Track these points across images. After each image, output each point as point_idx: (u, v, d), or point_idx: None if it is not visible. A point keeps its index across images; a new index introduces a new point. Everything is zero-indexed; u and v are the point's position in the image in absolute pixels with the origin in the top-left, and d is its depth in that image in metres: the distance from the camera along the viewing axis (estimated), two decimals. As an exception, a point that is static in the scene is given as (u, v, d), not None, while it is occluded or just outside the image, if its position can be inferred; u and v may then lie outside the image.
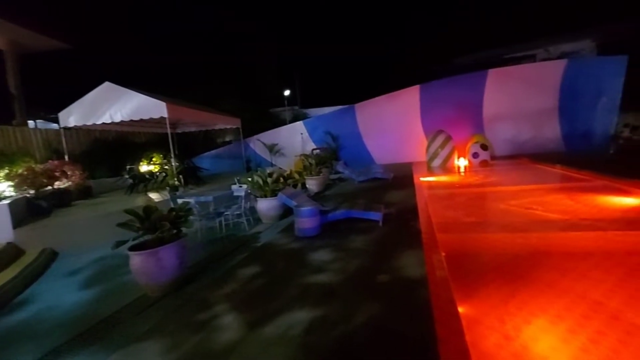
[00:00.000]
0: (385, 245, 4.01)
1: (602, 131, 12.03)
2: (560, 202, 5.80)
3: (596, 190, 6.16)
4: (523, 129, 12.77)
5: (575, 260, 3.77)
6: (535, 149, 12.21)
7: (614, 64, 11.93)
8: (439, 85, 13.56)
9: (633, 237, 3.82)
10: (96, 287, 4.08)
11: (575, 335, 2.62)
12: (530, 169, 9.47)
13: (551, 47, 16.59)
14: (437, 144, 11.60)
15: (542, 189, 6.79)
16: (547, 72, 12.66)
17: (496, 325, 2.85)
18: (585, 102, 12.08)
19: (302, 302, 3.00)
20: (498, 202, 6.40)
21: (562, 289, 3.27)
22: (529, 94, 12.63)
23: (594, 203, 5.45)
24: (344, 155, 14.16)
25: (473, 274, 3.76)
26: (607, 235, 3.92)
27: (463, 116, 13.11)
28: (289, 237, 4.90)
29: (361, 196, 7.14)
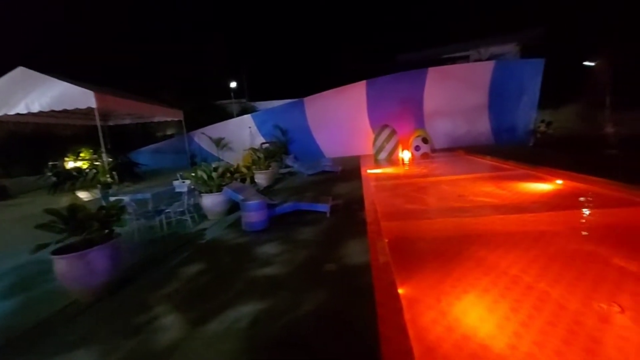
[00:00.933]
0: (332, 235, 4.09)
1: (523, 126, 13.52)
2: (488, 189, 6.40)
3: (518, 178, 6.89)
4: (458, 123, 13.85)
5: (500, 240, 4.19)
6: (470, 142, 13.32)
7: (533, 66, 13.44)
8: (384, 81, 14.10)
9: (546, 217, 4.34)
10: (18, 296, 3.59)
11: (498, 305, 2.92)
12: (464, 160, 10.31)
13: (482, 49, 18.19)
14: (383, 138, 12.09)
15: (474, 178, 7.43)
16: (478, 72, 13.84)
17: (433, 303, 3.06)
18: (510, 100, 13.45)
19: (248, 296, 2.94)
20: (437, 190, 6.87)
21: (488, 266, 3.61)
22: (463, 92, 13.71)
23: (516, 189, 6.10)
24: (294, 149, 14.12)
25: (414, 258, 3.99)
26: (525, 217, 4.41)
27: (406, 111, 13.81)
28: (236, 232, 4.77)
29: (310, 189, 7.19)
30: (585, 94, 14.56)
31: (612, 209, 4.30)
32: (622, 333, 2.38)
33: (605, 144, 10.46)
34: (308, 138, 14.57)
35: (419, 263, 3.81)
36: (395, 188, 7.43)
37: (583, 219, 4.28)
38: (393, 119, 12.89)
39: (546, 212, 4.40)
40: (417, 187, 7.25)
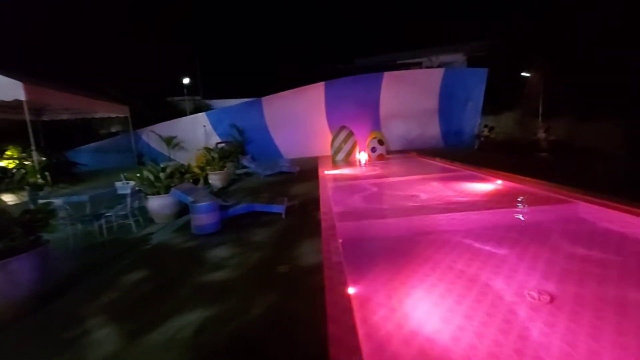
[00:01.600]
0: (286, 236, 4.02)
1: (469, 130, 14.51)
2: (437, 189, 6.74)
3: (464, 179, 7.34)
4: (412, 126, 14.48)
5: (447, 237, 4.42)
6: (422, 144, 13.99)
7: (478, 75, 14.48)
8: (342, 83, 14.32)
9: (487, 215, 4.65)
10: None
11: (444, 299, 3.06)
12: (417, 162, 10.79)
13: (433, 57, 19.27)
14: (340, 139, 12.27)
15: (426, 178, 7.79)
16: (429, 78, 14.61)
17: (384, 301, 3.12)
18: (457, 106, 14.36)
19: (194, 303, 2.78)
20: (390, 191, 7.09)
21: (435, 262, 3.78)
22: (416, 96, 14.37)
23: (462, 189, 6.49)
24: (252, 149, 13.82)
25: (367, 257, 4.06)
26: (469, 215, 4.69)
27: (363, 113, 14.15)
28: (184, 236, 4.51)
29: (266, 190, 7.06)
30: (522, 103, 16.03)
31: (543, 206, 4.72)
32: (550, 320, 2.60)
33: (537, 147, 11.61)
34: (266, 138, 14.34)
35: (372, 262, 3.88)
36: (352, 189, 7.55)
37: (518, 216, 4.65)
38: (351, 121, 13.13)
39: (487, 210, 4.72)
40: (372, 188, 7.43)
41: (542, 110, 14.93)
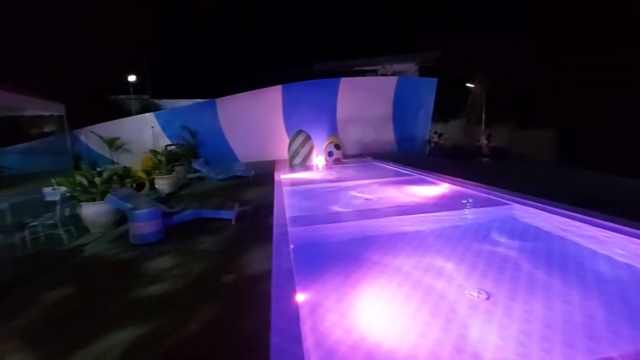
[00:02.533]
0: (235, 244, 3.85)
1: (421, 136, 15.26)
2: (391, 192, 6.94)
3: (415, 182, 7.65)
4: (368, 131, 14.87)
5: (396, 239, 4.53)
6: (377, 149, 14.42)
7: (428, 84, 15.32)
8: (299, 87, 14.31)
9: (433, 217, 4.85)
10: None
11: (392, 302, 3.10)
12: (372, 166, 11.07)
13: (387, 65, 20.06)
14: (297, 143, 12.20)
15: (380, 182, 8.00)
16: (384, 86, 15.14)
17: (334, 306, 3.09)
18: (409, 112, 15.03)
19: (125, 321, 2.52)
20: (345, 194, 7.16)
21: (385, 264, 3.84)
22: (372, 102, 14.81)
23: (412, 192, 6.74)
24: (205, 152, 13.25)
25: (319, 261, 4.02)
26: (417, 217, 4.85)
27: (320, 118, 14.25)
28: (122, 246, 4.13)
29: (218, 195, 6.77)
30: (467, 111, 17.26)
31: (483, 208, 5.03)
32: (487, 317, 2.74)
33: (480, 153, 12.53)
34: (220, 141, 13.84)
35: (324, 267, 3.85)
36: (307, 193, 7.51)
37: (461, 218, 4.91)
38: (308, 125, 13.14)
39: (433, 212, 4.93)
40: (328, 192, 7.46)
41: (484, 118, 16.19)
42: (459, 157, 11.57)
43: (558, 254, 3.82)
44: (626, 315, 2.63)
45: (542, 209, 4.48)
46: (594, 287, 3.08)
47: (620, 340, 2.35)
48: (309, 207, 6.14)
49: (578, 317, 2.64)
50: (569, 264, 3.54)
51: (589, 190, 5.71)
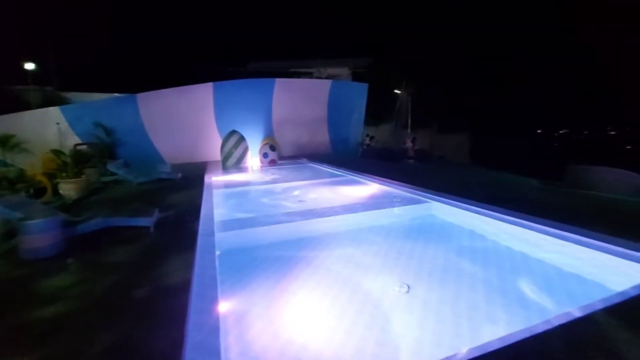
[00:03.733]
0: (152, 254, 3.47)
1: (354, 139, 15.88)
2: (324, 193, 7.03)
3: (347, 183, 7.88)
4: (303, 133, 14.97)
5: (328, 240, 4.59)
6: (312, 150, 14.59)
7: (360, 89, 16.02)
8: (233, 85, 13.79)
9: (362, 217, 5.03)
10: None
11: (321, 303, 3.10)
12: (307, 168, 11.15)
13: (322, 69, 20.52)
14: (231, 144, 11.71)
15: (314, 184, 8.07)
16: (319, 88, 15.40)
17: (262, 313, 2.99)
18: (343, 115, 15.54)
19: (7, 350, 2.09)
20: (280, 197, 7.06)
21: (316, 265, 3.85)
22: (307, 104, 14.96)
23: (344, 192, 6.93)
24: (125, 153, 11.93)
25: (249, 267, 3.87)
26: (348, 217, 4.98)
27: (255, 118, 13.92)
28: (9, 263, 3.44)
29: (136, 200, 6.11)
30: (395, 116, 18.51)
31: (406, 206, 5.37)
32: (408, 309, 2.90)
33: (406, 155, 13.52)
34: (143, 141, 12.62)
35: (254, 272, 3.71)
36: (240, 195, 7.23)
37: (388, 216, 5.17)
38: (242, 125, 12.70)
39: (363, 212, 5.11)
40: (262, 194, 7.28)
41: (410, 123, 17.54)
42: (388, 158, 12.31)
43: (467, 246, 4.25)
44: (518, 297, 3.01)
45: (454, 206, 4.95)
46: (494, 275, 3.47)
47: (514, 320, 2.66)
48: (241, 210, 5.91)
49: (482, 303, 2.94)
50: (476, 255, 3.95)
51: (492, 187, 6.50)
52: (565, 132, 38.84)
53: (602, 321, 1.95)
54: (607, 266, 3.04)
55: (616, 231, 3.32)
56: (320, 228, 4.81)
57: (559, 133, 39.15)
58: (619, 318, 1.96)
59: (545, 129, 39.00)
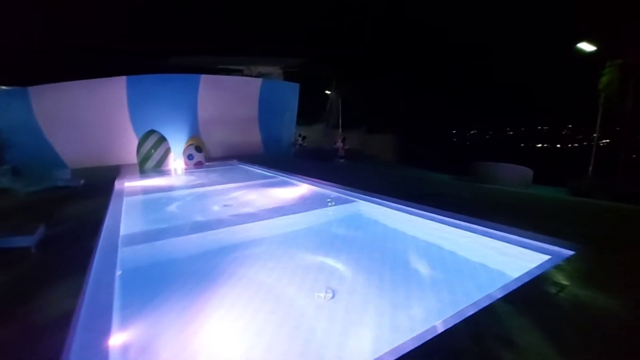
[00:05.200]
0: (26, 282, 2.80)
1: (287, 138, 15.70)
2: (253, 196, 6.72)
3: (278, 185, 7.68)
4: (233, 133, 14.31)
5: (253, 247, 4.34)
6: (244, 151, 14.02)
7: (292, 88, 15.90)
8: (151, 80, 12.52)
9: (291, 219, 4.89)
10: None
11: (242, 317, 2.86)
12: (237, 169, 10.64)
13: (252, 67, 19.90)
14: (149, 145, 10.61)
15: (243, 186, 7.68)
16: (249, 87, 14.88)
17: (174, 337, 2.64)
18: (275, 115, 15.26)
19: None
20: (204, 202, 6.56)
21: (239, 276, 3.58)
22: (236, 103, 14.34)
23: (274, 195, 6.71)
24: (15, 156, 9.96)
25: (161, 285, 3.43)
26: (276, 221, 4.79)
27: (179, 117, 12.87)
28: None
29: (19, 214, 5.08)
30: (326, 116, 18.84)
31: (336, 206, 5.38)
32: (331, 316, 2.82)
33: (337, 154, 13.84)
34: (39, 142, 10.70)
35: (166, 290, 3.30)
36: (157, 202, 6.54)
37: (317, 217, 5.11)
38: (163, 124, 11.60)
39: (291, 214, 4.96)
40: (183, 200, 6.69)
41: (341, 123, 18.02)
42: (320, 158, 12.43)
43: (391, 243, 4.38)
44: (435, 290, 3.16)
45: (379, 204, 5.10)
46: (414, 271, 3.61)
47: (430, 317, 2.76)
48: (156, 220, 5.31)
49: (402, 300, 3.01)
50: (398, 252, 4.09)
51: (413, 184, 6.91)
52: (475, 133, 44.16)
53: (500, 310, 2.09)
54: (507, 254, 3.36)
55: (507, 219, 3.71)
56: (244, 234, 4.55)
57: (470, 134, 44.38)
58: (514, 305, 2.12)
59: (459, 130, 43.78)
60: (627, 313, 2.02)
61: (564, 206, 4.78)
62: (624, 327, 1.90)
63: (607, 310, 2.05)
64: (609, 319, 1.97)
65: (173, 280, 3.54)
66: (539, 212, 4.36)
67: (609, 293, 2.24)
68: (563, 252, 3.06)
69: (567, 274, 2.55)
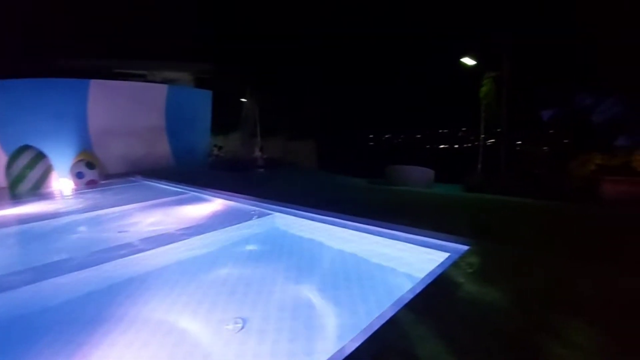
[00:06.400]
0: None
1: (201, 149, 14.68)
2: (157, 217, 5.97)
3: (188, 202, 7.00)
4: (136, 145, 12.79)
5: (153, 278, 3.78)
6: (151, 164, 12.61)
7: (204, 96, 14.99)
8: (24, 86, 10.42)
9: (198, 241, 4.41)
10: None
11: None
12: (140, 187, 9.46)
13: (156, 71, 18.20)
14: (22, 164, 8.71)
15: (145, 206, 6.80)
16: (153, 93, 13.51)
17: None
18: (186, 124, 14.15)
19: None
20: (92, 230, 5.60)
21: (134, 313, 3.04)
22: (138, 111, 12.88)
23: (182, 214, 6.06)
24: None
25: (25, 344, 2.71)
26: (180, 245, 4.26)
27: (63, 129, 10.97)
28: None
29: None
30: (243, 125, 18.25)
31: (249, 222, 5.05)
32: (241, 348, 2.54)
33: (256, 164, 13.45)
34: None
35: (32, 350, 2.61)
36: (28, 235, 5.34)
37: (227, 235, 4.72)
38: (41, 139, 9.68)
39: (198, 236, 4.47)
40: (66, 229, 5.59)
41: (260, 132, 17.63)
42: (238, 168, 11.89)
43: (307, 256, 4.27)
44: (351, 304, 3.12)
45: (295, 215, 4.97)
46: (329, 285, 3.53)
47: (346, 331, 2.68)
48: (24, 259, 4.29)
49: (317, 319, 2.88)
50: (314, 265, 3.99)
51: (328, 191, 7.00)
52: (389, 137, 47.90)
53: (403, 320, 2.09)
54: (413, 255, 3.51)
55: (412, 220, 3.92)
56: (141, 265, 3.94)
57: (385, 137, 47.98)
58: (416, 313, 2.15)
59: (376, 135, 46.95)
60: (511, 305, 2.21)
61: (458, 202, 5.32)
62: (509, 319, 2.06)
63: (494, 305, 2.21)
64: (496, 313, 2.13)
65: (45, 334, 2.84)
66: (439, 210, 4.75)
67: (496, 286, 2.45)
68: (459, 247, 3.31)
69: (461, 271, 2.73)
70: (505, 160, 11.04)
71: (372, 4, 23.64)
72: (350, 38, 25.88)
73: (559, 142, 11.27)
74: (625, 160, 6.84)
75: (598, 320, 1.99)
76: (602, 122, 7.52)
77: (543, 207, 4.74)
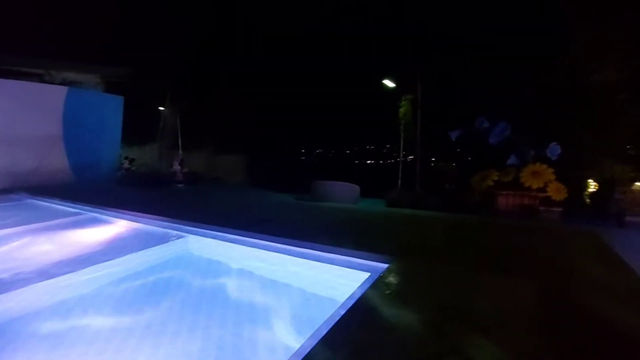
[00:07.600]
0: None
1: (108, 162, 12.92)
2: (37, 247, 4.90)
3: (84, 224, 5.96)
4: (23, 157, 10.70)
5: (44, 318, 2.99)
6: (42, 180, 10.62)
7: (114, 102, 13.35)
8: None
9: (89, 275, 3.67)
10: None
11: None
12: (23, 206, 7.83)
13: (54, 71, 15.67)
14: None
15: (28, 230, 5.58)
16: (48, 97, 11.57)
17: None
18: (90, 133, 12.36)
19: None
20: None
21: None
22: (27, 117, 10.85)
23: (74, 240, 5.08)
24: None
25: None
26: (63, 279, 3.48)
27: None
28: None
29: None
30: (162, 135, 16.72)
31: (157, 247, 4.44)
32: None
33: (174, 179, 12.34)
34: None
35: None
36: None
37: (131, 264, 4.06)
38: None
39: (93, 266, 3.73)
40: None
41: (181, 143, 16.33)
42: (154, 184, 10.71)
43: (224, 284, 3.86)
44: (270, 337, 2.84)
45: (212, 237, 4.53)
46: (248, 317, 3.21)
47: None
48: None
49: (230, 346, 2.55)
50: (231, 295, 3.61)
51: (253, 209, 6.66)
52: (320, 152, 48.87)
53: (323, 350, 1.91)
54: (335, 278, 3.40)
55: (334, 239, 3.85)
56: (13, 309, 3.10)
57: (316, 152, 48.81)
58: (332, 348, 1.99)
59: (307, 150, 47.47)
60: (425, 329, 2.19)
61: (379, 218, 5.48)
62: (423, 344, 2.02)
63: (410, 329, 2.17)
64: (412, 338, 2.08)
65: None
66: (360, 226, 4.80)
67: (412, 307, 2.43)
68: (379, 266, 3.30)
69: (379, 292, 2.68)
70: (421, 176, 12.03)
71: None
72: (287, 59, 26.04)
73: (464, 159, 12.72)
74: (515, 177, 7.94)
75: (497, 337, 2.07)
76: (497, 143, 8.67)
77: (450, 219, 5.14)
